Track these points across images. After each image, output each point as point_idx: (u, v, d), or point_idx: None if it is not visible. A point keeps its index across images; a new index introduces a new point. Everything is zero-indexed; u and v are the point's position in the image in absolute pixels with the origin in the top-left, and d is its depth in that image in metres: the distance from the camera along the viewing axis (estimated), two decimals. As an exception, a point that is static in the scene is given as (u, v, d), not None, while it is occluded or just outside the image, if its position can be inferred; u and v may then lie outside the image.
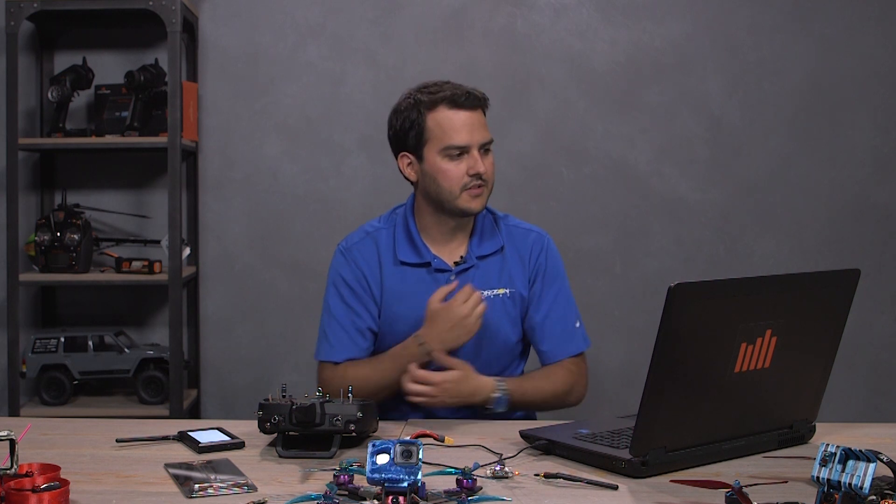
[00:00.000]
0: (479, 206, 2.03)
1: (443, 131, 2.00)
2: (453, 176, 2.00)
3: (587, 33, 3.37)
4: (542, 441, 1.67)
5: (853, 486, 1.23)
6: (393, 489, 1.32)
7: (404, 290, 2.07)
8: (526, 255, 2.12)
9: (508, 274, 2.09)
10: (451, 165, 2.00)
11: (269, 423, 1.67)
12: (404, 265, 2.08)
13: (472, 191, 2.01)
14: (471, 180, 2.00)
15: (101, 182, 3.41)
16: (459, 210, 2.03)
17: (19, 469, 1.35)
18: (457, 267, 2.07)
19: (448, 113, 2.00)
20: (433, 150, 2.01)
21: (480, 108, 2.03)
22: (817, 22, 3.36)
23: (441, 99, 2.01)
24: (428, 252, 2.08)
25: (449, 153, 2.00)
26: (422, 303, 2.00)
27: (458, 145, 1.99)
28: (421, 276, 2.07)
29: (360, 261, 2.09)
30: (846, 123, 3.38)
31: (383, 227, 2.13)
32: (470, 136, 1.99)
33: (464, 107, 2.00)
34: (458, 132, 1.99)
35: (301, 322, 3.39)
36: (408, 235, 2.09)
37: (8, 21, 3.07)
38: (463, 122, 1.99)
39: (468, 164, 2.00)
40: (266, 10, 3.38)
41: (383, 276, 2.08)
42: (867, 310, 3.34)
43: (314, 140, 3.39)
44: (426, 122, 2.01)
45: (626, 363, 3.38)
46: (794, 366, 1.64)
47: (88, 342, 3.16)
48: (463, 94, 2.00)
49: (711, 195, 3.39)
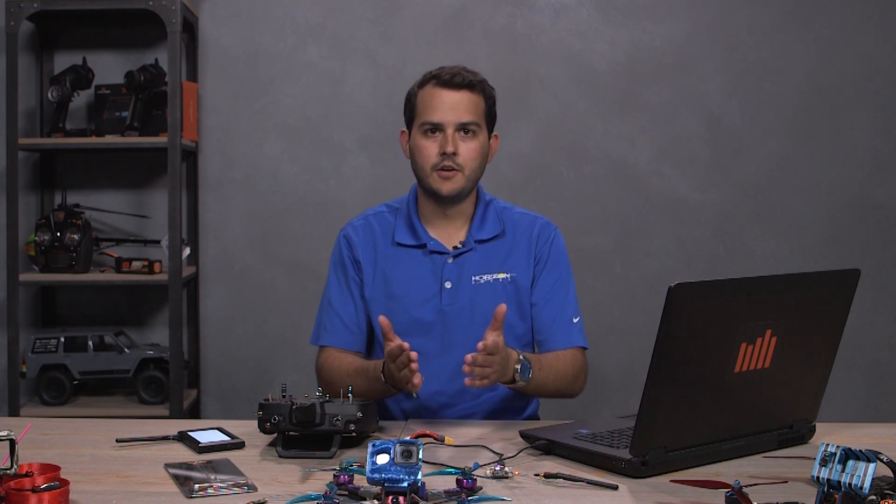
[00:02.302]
0: (450, 189, 2.01)
1: (423, 107, 2.02)
2: (426, 154, 2.01)
3: (587, 33, 3.37)
4: (542, 441, 1.67)
5: (853, 486, 1.23)
6: (393, 489, 1.32)
7: (399, 270, 2.08)
8: (533, 240, 2.11)
9: (511, 259, 2.08)
10: (426, 142, 2.01)
11: (269, 423, 1.67)
12: (400, 246, 2.09)
13: (442, 172, 2.00)
14: (440, 160, 2.00)
15: (101, 182, 3.41)
16: (431, 189, 2.03)
17: (19, 469, 1.35)
18: (455, 250, 2.07)
19: (433, 90, 2.02)
20: (416, 124, 2.04)
21: (468, 90, 2.01)
22: (817, 22, 3.36)
23: (431, 77, 2.04)
24: (425, 234, 2.08)
25: (424, 129, 2.01)
26: (419, 284, 2.04)
27: (432, 121, 2.00)
28: (417, 258, 2.08)
29: (354, 242, 2.11)
30: (846, 123, 3.38)
31: (386, 210, 2.15)
32: (445, 114, 1.99)
33: (448, 86, 2.01)
34: (434, 109, 2.00)
35: (301, 322, 3.39)
36: (408, 218, 2.11)
37: (8, 21, 3.07)
38: (442, 101, 2.00)
39: (441, 143, 2.00)
40: (266, 10, 3.38)
41: (378, 257, 2.09)
42: (867, 310, 3.34)
43: (314, 140, 3.39)
44: (417, 98, 2.05)
45: (626, 363, 3.38)
46: (794, 366, 1.64)
47: (88, 342, 3.16)
48: (451, 74, 2.01)
49: (711, 195, 3.39)
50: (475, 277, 2.06)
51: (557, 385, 2.01)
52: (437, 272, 2.06)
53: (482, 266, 2.07)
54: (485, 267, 2.07)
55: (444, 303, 2.05)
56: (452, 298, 2.05)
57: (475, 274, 2.06)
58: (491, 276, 2.06)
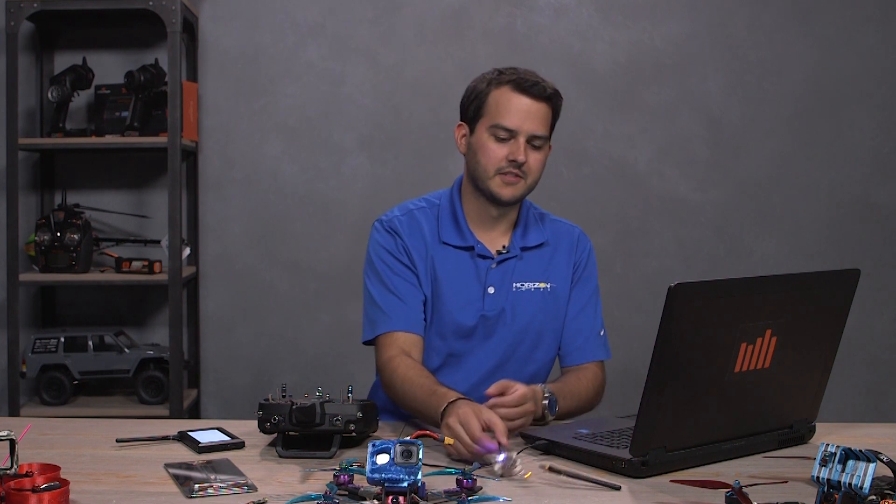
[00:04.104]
0: (510, 196, 1.97)
1: (497, 109, 1.95)
2: (493, 155, 1.95)
3: (587, 33, 3.37)
4: (542, 441, 1.67)
5: (853, 486, 1.23)
6: (393, 489, 1.32)
7: (447, 270, 2.02)
8: (573, 249, 2.09)
9: (553, 269, 2.06)
10: (495, 145, 1.95)
11: (269, 423, 1.67)
12: (446, 245, 2.03)
13: (506, 177, 1.95)
14: (507, 165, 1.94)
15: (101, 182, 3.41)
16: (490, 192, 1.97)
17: (19, 469, 1.35)
18: (499, 256, 2.02)
19: (510, 94, 1.95)
20: (484, 125, 1.97)
21: (545, 101, 1.96)
22: (817, 22, 3.36)
23: (509, 80, 1.97)
24: (472, 236, 2.02)
25: (495, 132, 1.95)
26: (463, 287, 2.00)
27: (506, 126, 1.94)
28: (464, 260, 2.02)
29: (402, 233, 2.02)
30: (846, 123, 3.38)
31: (425, 205, 2.08)
32: (521, 121, 1.94)
33: (527, 93, 1.95)
34: (510, 114, 1.94)
35: (301, 322, 3.39)
36: (453, 216, 2.04)
37: (8, 21, 3.07)
38: (518, 107, 1.94)
39: (511, 148, 1.94)
40: (266, 10, 3.37)
41: (429, 251, 2.01)
42: (867, 310, 3.34)
43: (314, 140, 3.39)
44: (489, 96, 1.97)
45: (626, 363, 3.37)
46: (794, 366, 1.64)
47: (88, 342, 3.16)
48: (531, 82, 1.95)
49: (711, 195, 3.39)
50: (517, 284, 2.02)
51: (580, 408, 2.00)
52: (482, 277, 2.01)
53: (524, 273, 2.03)
54: (527, 275, 2.04)
55: (486, 308, 2.01)
56: (494, 304, 2.01)
57: (517, 281, 2.02)
58: (532, 285, 2.03)
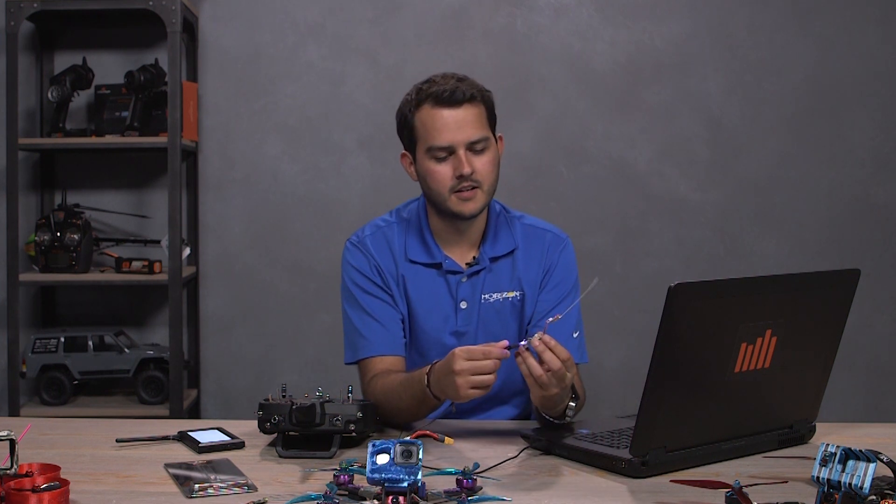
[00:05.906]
0: (472, 209, 1.92)
1: (426, 131, 1.90)
2: (440, 178, 1.90)
3: (587, 33, 3.37)
4: (542, 441, 1.67)
5: (853, 486, 1.23)
6: (393, 489, 1.32)
7: (418, 288, 1.99)
8: (542, 255, 2.03)
9: (519, 276, 2.01)
10: (439, 167, 1.90)
11: (269, 423, 1.67)
12: (415, 264, 2.00)
13: (461, 193, 1.90)
14: (458, 182, 1.89)
15: (101, 182, 3.41)
16: (451, 213, 1.92)
17: (19, 469, 1.35)
18: (469, 269, 1.99)
19: (431, 112, 1.89)
20: (422, 149, 1.92)
21: (470, 103, 1.90)
22: (817, 22, 3.36)
23: (425, 97, 1.91)
24: (439, 252, 1.99)
25: (434, 154, 1.90)
26: (435, 304, 1.97)
27: (441, 146, 1.88)
28: (432, 277, 2.00)
29: (374, 252, 2.00)
30: (846, 123, 3.38)
31: (394, 221, 2.04)
32: (452, 135, 1.87)
33: (447, 104, 1.88)
34: (439, 132, 1.88)
35: (301, 322, 3.39)
36: (419, 234, 2.00)
37: (8, 21, 3.07)
38: (445, 122, 1.88)
39: (454, 164, 1.88)
40: (266, 10, 3.37)
41: (398, 270, 1.99)
42: (867, 310, 3.34)
43: (314, 140, 3.39)
44: (414, 121, 1.92)
45: (626, 363, 3.38)
46: (794, 366, 1.64)
47: (88, 342, 3.16)
48: (447, 91, 1.88)
49: (711, 195, 3.39)
50: (485, 296, 1.99)
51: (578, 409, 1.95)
52: (453, 292, 1.99)
53: (493, 284, 2.00)
54: (497, 285, 2.00)
55: (459, 324, 1.99)
56: (468, 319, 1.99)
57: (486, 292, 1.99)
58: (500, 295, 2.00)
